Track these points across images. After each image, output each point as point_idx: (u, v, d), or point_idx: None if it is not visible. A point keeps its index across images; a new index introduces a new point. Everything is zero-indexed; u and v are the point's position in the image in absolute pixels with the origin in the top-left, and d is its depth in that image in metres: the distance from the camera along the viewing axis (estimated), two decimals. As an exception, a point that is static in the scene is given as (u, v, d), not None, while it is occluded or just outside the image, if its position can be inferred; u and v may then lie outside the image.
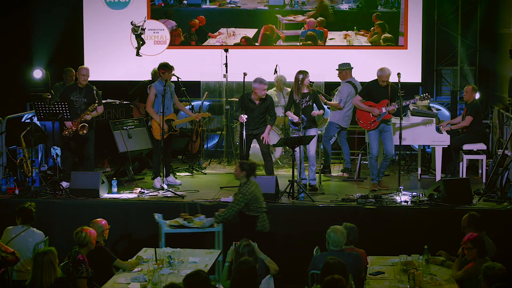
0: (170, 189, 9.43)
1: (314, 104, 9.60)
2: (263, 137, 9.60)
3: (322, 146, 10.66)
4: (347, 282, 5.68)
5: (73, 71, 10.65)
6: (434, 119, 10.01)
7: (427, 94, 9.65)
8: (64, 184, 9.38)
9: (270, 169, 9.76)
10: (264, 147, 9.69)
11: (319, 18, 12.59)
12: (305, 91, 9.55)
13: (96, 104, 9.58)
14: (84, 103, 9.56)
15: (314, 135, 9.48)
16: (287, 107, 9.77)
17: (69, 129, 9.46)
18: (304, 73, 9.54)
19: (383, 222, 8.53)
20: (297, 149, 9.27)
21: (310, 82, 9.65)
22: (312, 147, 9.59)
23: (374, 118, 9.42)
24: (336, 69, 10.78)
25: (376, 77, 9.50)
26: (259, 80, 9.53)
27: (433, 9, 12.80)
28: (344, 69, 10.69)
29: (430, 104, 11.19)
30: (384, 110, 9.34)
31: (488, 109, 12.36)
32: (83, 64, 13.04)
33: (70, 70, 11.04)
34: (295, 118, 9.43)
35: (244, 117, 9.48)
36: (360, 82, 10.88)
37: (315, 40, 12.67)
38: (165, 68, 9.65)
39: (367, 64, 12.26)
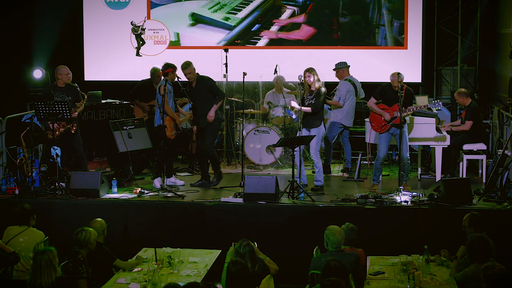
0: (170, 189, 9.43)
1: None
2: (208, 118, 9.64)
3: (323, 145, 10.65)
4: (347, 283, 5.67)
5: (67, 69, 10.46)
6: (434, 119, 10.01)
7: (438, 101, 9.70)
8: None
9: (215, 166, 9.90)
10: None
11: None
12: (313, 88, 9.54)
13: (83, 101, 9.61)
14: (70, 101, 9.53)
15: (314, 135, 9.46)
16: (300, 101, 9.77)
17: (55, 131, 9.37)
18: (307, 70, 9.55)
19: (383, 222, 8.52)
20: (297, 149, 9.27)
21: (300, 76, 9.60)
22: (312, 149, 9.57)
23: (385, 121, 9.41)
24: (333, 69, 10.79)
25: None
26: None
27: (433, 9, 12.81)
28: (341, 68, 10.71)
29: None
30: (395, 114, 9.27)
31: (488, 109, 12.36)
32: (83, 64, 13.07)
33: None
34: (296, 106, 9.46)
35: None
36: (360, 82, 10.90)
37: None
38: (173, 67, 9.61)
39: (367, 64, 12.29)
